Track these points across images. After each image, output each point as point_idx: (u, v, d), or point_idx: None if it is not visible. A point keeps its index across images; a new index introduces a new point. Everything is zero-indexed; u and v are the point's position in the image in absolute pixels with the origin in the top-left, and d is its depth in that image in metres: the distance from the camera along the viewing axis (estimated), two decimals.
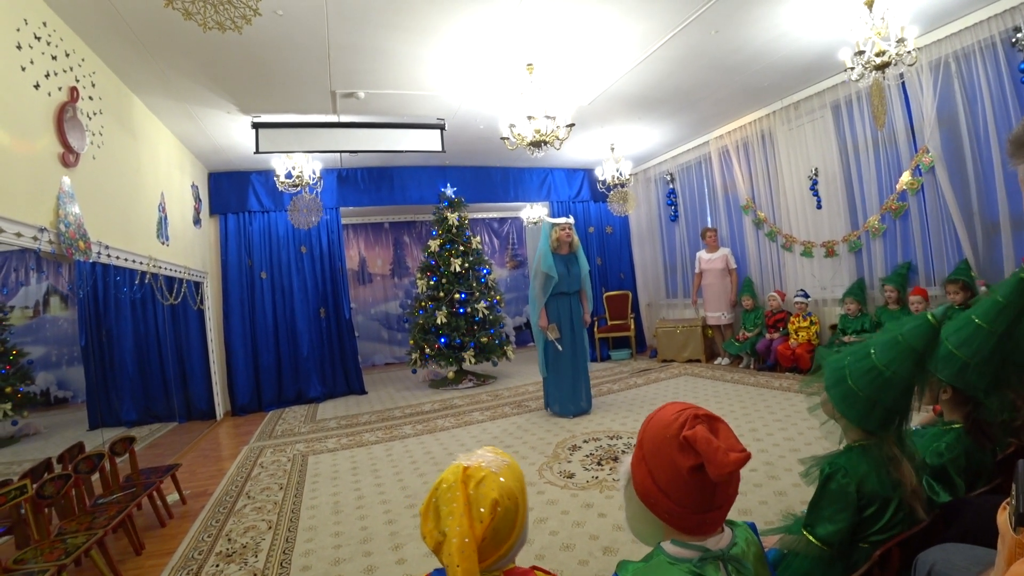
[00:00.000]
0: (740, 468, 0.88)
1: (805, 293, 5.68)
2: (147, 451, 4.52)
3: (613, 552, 2.29)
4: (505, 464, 1.03)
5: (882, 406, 1.23)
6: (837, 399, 1.31)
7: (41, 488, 2.31)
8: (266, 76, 4.18)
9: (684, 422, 0.94)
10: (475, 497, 0.95)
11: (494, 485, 0.96)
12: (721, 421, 0.96)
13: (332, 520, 2.92)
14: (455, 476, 0.97)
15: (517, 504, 0.99)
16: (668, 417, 0.97)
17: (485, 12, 3.53)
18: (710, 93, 5.44)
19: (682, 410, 0.97)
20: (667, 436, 0.94)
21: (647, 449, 0.99)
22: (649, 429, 1.00)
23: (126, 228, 3.94)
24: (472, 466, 0.99)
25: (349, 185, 7.09)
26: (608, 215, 8.24)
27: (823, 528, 1.29)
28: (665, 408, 1.01)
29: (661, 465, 0.95)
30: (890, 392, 1.21)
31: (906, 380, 1.20)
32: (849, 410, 1.29)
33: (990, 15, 3.94)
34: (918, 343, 1.18)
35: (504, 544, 0.97)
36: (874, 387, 1.23)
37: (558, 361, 4.69)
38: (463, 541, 0.90)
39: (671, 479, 0.93)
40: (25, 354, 4.34)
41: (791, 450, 3.29)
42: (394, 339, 9.83)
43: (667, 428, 0.95)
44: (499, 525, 0.95)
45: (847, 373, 1.29)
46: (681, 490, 0.93)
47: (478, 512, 0.93)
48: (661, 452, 0.95)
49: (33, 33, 2.84)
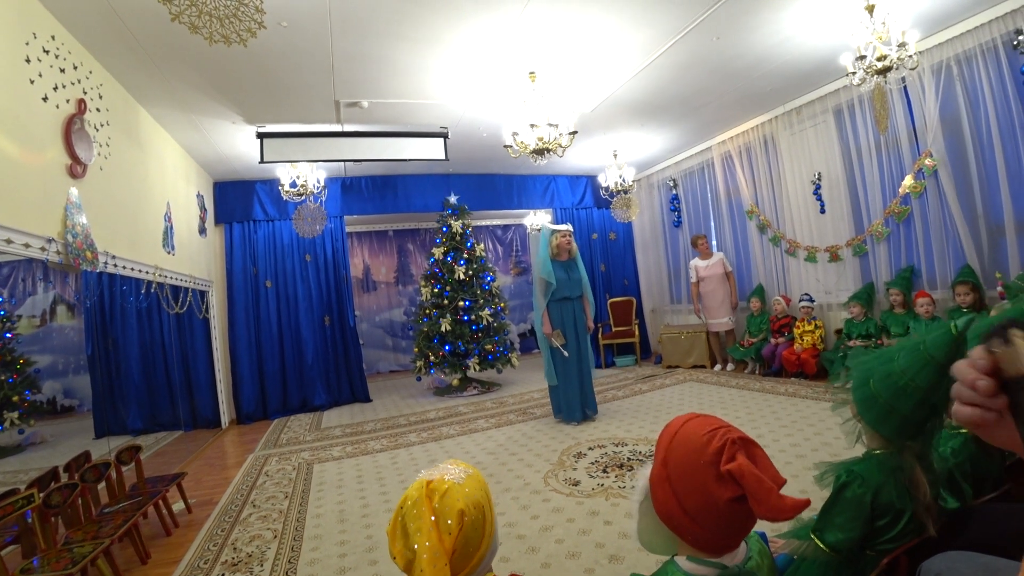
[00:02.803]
0: (795, 516, 0.83)
1: (810, 297, 5.66)
2: (153, 460, 4.53)
3: (619, 560, 2.27)
4: (468, 475, 1.03)
5: (898, 414, 1.18)
6: (859, 400, 1.28)
7: (48, 497, 2.32)
8: (271, 87, 4.22)
9: (721, 448, 0.88)
10: (440, 510, 0.94)
11: (459, 496, 0.96)
12: (756, 446, 0.90)
13: (337, 529, 2.92)
14: (419, 492, 0.97)
15: (484, 513, 0.99)
16: (698, 438, 0.91)
17: (488, 21, 3.56)
18: (712, 99, 5.45)
19: (714, 430, 0.91)
20: (701, 462, 0.89)
21: (673, 470, 0.93)
22: (676, 448, 0.94)
23: (132, 238, 3.97)
24: (435, 479, 0.99)
25: (353, 193, 7.13)
26: (611, 221, 8.25)
27: (833, 535, 1.28)
28: (691, 425, 0.95)
29: (692, 491, 0.89)
30: (906, 401, 1.16)
31: (923, 391, 1.13)
32: (867, 413, 1.26)
33: (991, 18, 3.95)
34: (938, 353, 1.10)
35: (475, 555, 0.97)
36: (891, 393, 1.18)
37: (564, 367, 4.69)
38: (434, 555, 0.89)
39: (703, 507, 0.88)
40: (32, 363, 4.37)
41: (797, 456, 3.27)
42: (398, 347, 9.84)
43: (699, 452, 0.89)
44: (468, 535, 0.95)
45: (871, 376, 1.26)
46: (712, 518, 0.88)
47: (445, 524, 0.93)
48: (693, 478, 0.89)
49: (42, 47, 2.89)
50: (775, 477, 0.86)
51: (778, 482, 0.85)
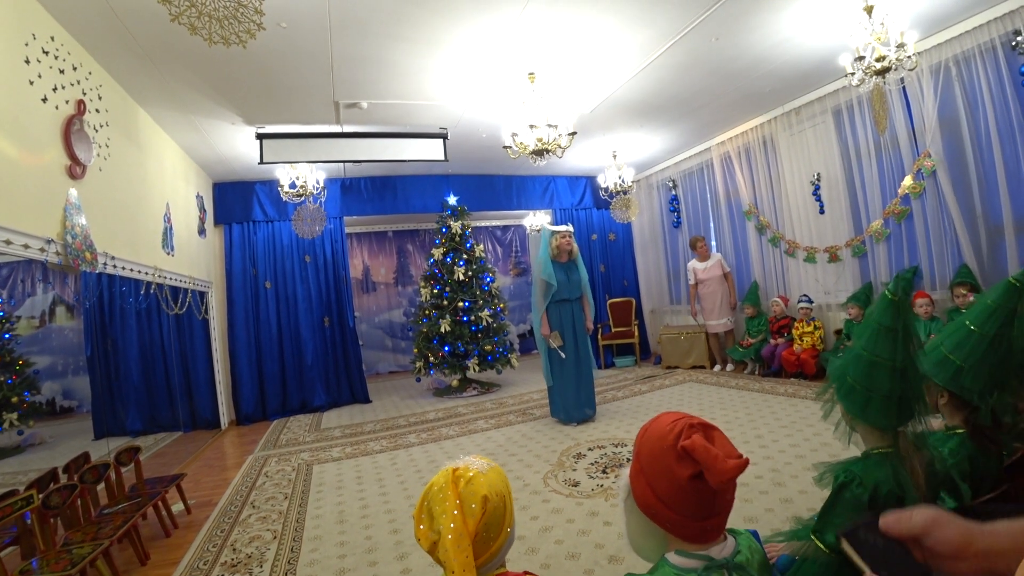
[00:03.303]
0: (739, 474, 0.89)
1: (809, 298, 5.66)
2: (152, 460, 4.52)
3: (619, 561, 2.27)
4: (491, 467, 1.10)
5: (878, 394, 1.23)
6: (841, 397, 1.33)
7: (47, 498, 2.32)
8: (270, 88, 4.22)
9: (680, 432, 0.95)
10: (465, 494, 1.00)
11: (483, 483, 1.03)
12: (716, 429, 0.97)
13: (337, 530, 2.92)
14: (445, 478, 1.03)
15: (504, 501, 1.06)
16: (663, 428, 0.99)
17: (487, 22, 3.56)
18: (711, 100, 5.46)
19: (676, 420, 0.98)
20: (664, 447, 0.96)
21: (644, 461, 1.00)
22: (645, 441, 1.02)
23: (132, 239, 3.97)
24: (460, 467, 1.06)
25: (353, 194, 7.13)
26: (611, 222, 8.26)
27: (833, 535, 1.29)
28: (659, 419, 1.03)
29: (659, 475, 0.96)
30: (879, 376, 1.21)
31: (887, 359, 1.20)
32: (852, 405, 1.30)
33: (990, 19, 3.96)
34: (883, 319, 1.19)
35: (495, 541, 1.03)
36: (864, 374, 1.24)
37: (562, 368, 4.69)
38: (458, 536, 0.94)
39: (670, 489, 0.94)
40: (31, 364, 4.36)
41: (796, 456, 3.27)
42: (398, 347, 9.84)
43: (663, 439, 0.97)
44: (490, 521, 1.00)
45: (846, 372, 1.31)
46: (681, 499, 0.94)
47: (470, 508, 0.99)
48: (659, 463, 0.96)
49: (41, 48, 2.89)
50: (729, 452, 0.91)
51: (731, 455, 0.90)
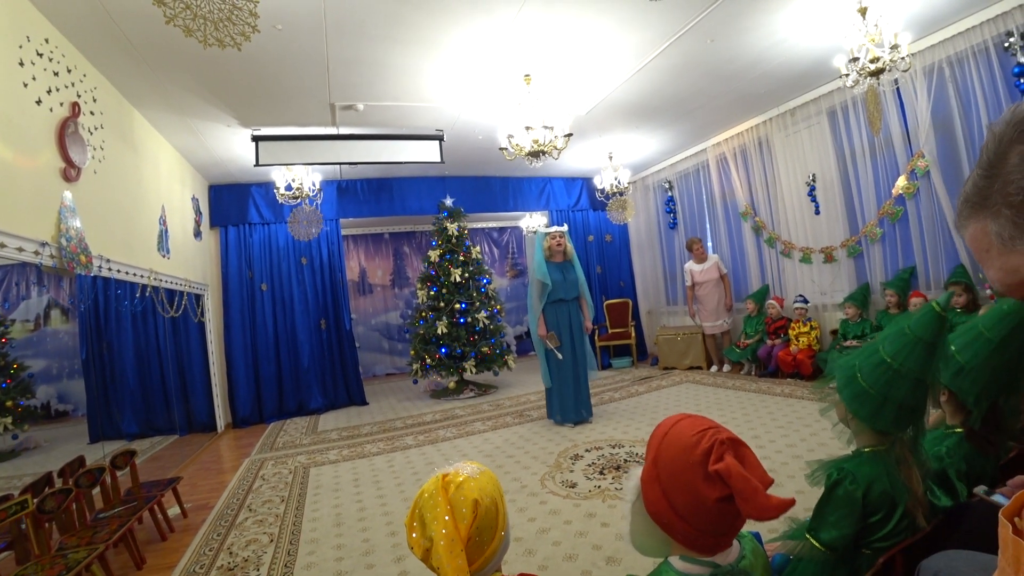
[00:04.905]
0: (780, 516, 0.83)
1: (804, 299, 5.68)
2: (148, 464, 4.50)
3: (616, 562, 2.27)
4: (481, 471, 1.09)
5: (893, 402, 1.20)
6: (849, 399, 1.29)
7: (42, 503, 2.30)
8: (266, 90, 4.21)
9: (709, 449, 0.88)
10: (456, 500, 1.00)
11: (473, 487, 1.02)
12: (744, 445, 0.90)
13: (334, 532, 2.91)
14: (435, 484, 1.03)
15: (496, 505, 1.05)
16: (687, 438, 0.92)
17: (483, 24, 3.56)
18: (707, 101, 5.48)
19: (703, 430, 0.91)
20: (690, 462, 0.89)
21: (663, 470, 0.93)
22: (666, 448, 0.95)
23: (127, 241, 3.96)
24: (450, 473, 1.06)
25: (349, 196, 7.12)
26: (607, 223, 8.26)
27: (827, 533, 1.29)
28: (682, 425, 0.96)
29: (680, 489, 0.90)
30: (901, 387, 1.18)
31: (916, 373, 1.16)
32: (861, 409, 1.27)
33: (982, 20, 3.98)
34: (925, 332, 1.14)
35: (489, 545, 1.02)
36: (884, 382, 1.20)
37: (560, 369, 4.69)
38: (450, 542, 0.94)
39: (692, 506, 0.89)
40: (26, 367, 4.33)
41: (793, 456, 3.28)
42: (395, 350, 9.82)
43: (687, 452, 0.90)
44: (482, 526, 1.00)
45: (857, 372, 1.27)
46: (701, 516, 0.89)
47: (461, 513, 0.98)
48: (681, 477, 0.90)
49: (35, 50, 2.88)
50: (762, 477, 0.86)
51: (765, 482, 0.86)
